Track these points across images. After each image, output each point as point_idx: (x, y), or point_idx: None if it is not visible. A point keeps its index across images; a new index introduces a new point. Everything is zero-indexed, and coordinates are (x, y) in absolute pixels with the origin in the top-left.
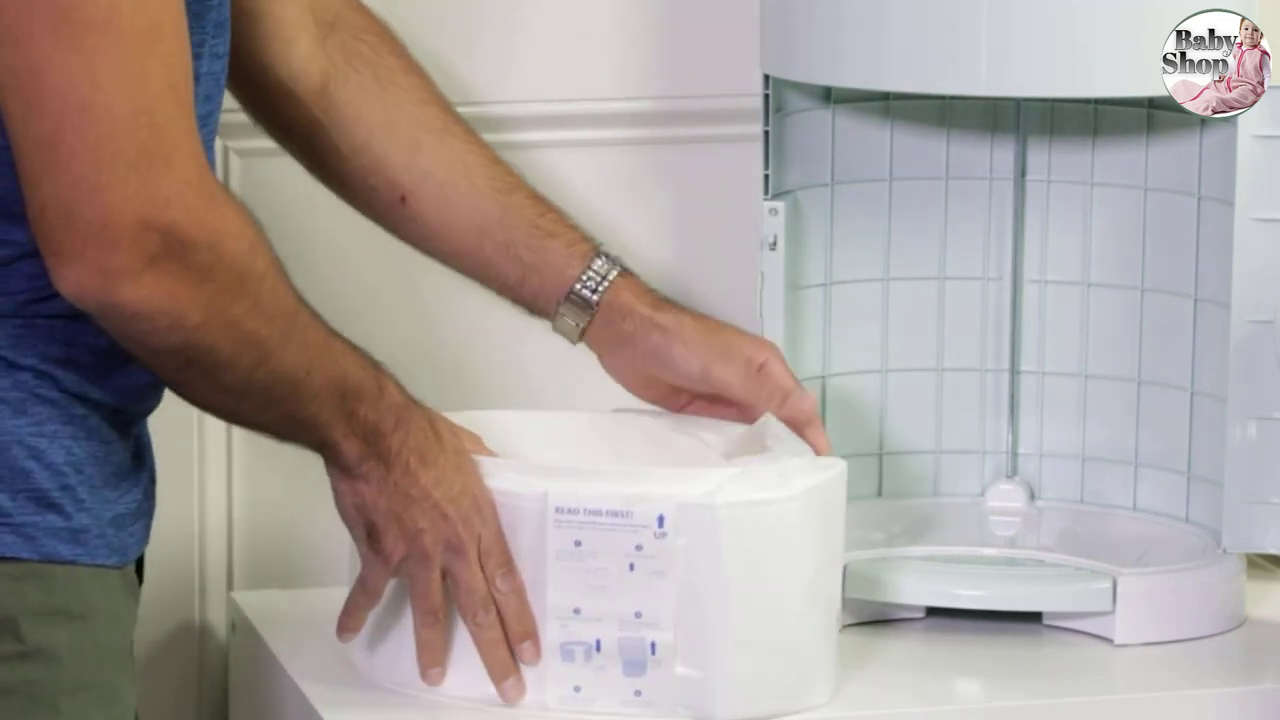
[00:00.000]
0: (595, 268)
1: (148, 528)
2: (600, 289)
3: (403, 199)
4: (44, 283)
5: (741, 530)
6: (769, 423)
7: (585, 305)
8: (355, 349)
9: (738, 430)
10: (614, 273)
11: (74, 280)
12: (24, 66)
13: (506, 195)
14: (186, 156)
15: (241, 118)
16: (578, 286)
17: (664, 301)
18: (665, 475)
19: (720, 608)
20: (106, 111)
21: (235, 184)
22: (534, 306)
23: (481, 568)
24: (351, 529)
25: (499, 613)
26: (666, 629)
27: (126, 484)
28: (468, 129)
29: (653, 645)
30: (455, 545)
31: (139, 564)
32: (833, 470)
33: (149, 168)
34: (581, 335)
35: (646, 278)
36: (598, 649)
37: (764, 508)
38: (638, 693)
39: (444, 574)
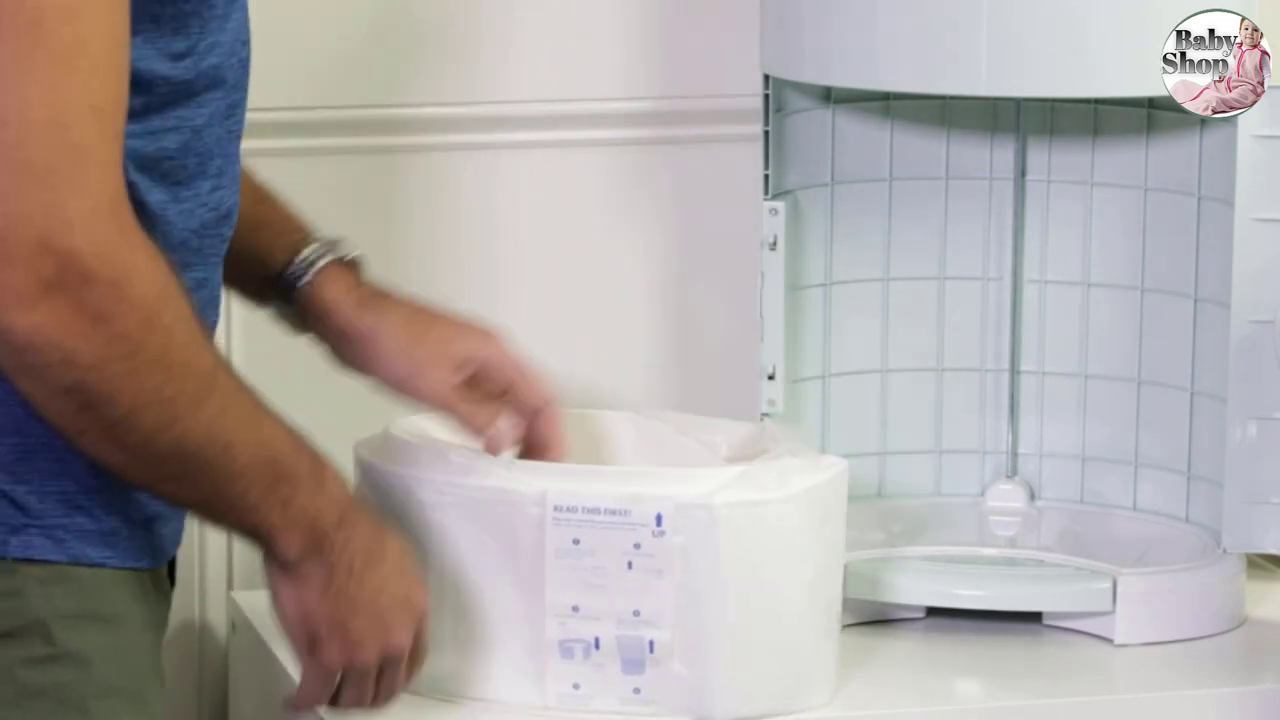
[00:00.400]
0: (301, 257)
1: (180, 529)
2: (302, 281)
3: None
4: None
5: (740, 530)
6: (768, 425)
7: (288, 298)
8: (293, 432)
9: (741, 431)
10: (321, 262)
11: None
12: None
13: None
14: (100, 183)
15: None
16: (283, 276)
17: (372, 296)
18: (664, 475)
19: (718, 607)
20: (18, 116)
21: None
22: (248, 297)
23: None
24: (290, 636)
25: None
26: (665, 628)
27: None
28: None
29: (651, 644)
30: (394, 656)
31: (170, 565)
32: (832, 470)
33: (56, 185)
34: (303, 328)
35: (646, 277)
36: (596, 647)
37: (762, 508)
38: (636, 690)
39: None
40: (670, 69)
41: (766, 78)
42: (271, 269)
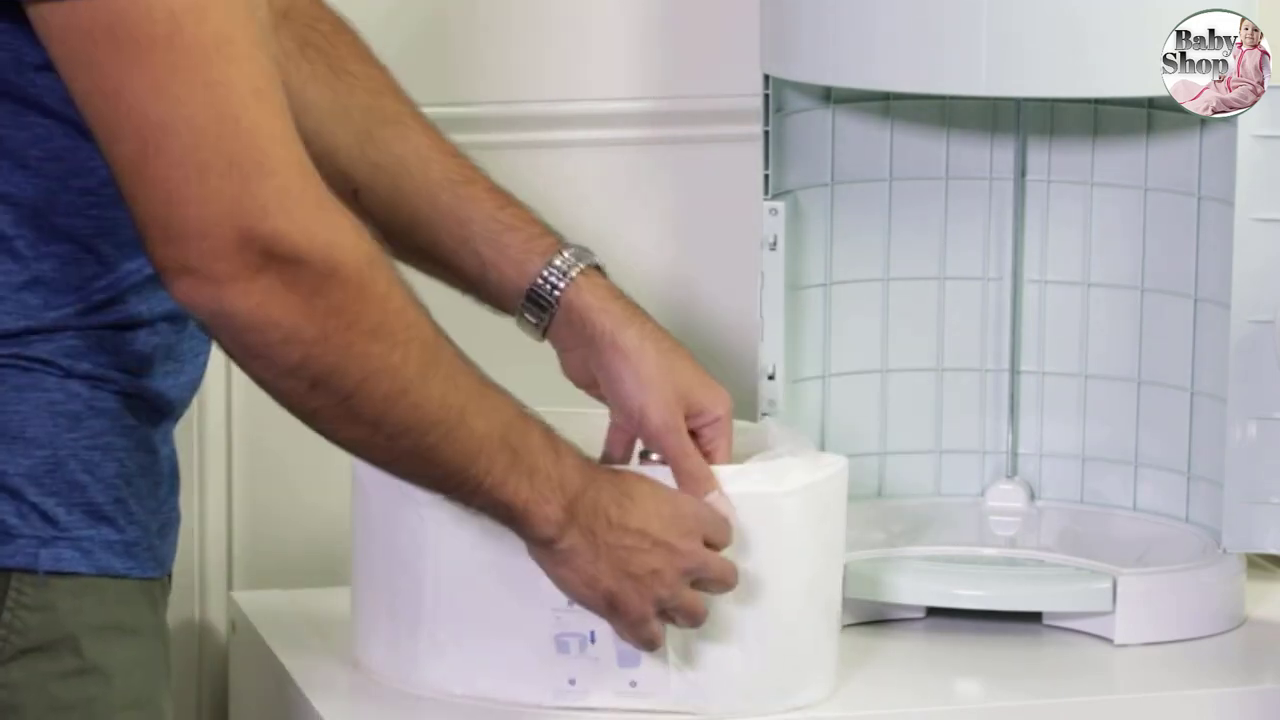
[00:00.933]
0: (556, 264)
1: (178, 535)
2: (560, 287)
3: (355, 192)
4: (94, 291)
5: (737, 526)
6: (769, 423)
7: (544, 304)
8: (516, 401)
9: (744, 431)
10: (576, 270)
11: (185, 291)
12: (98, 91)
13: (464, 188)
14: (284, 162)
15: None
16: (538, 283)
17: (630, 313)
18: (663, 471)
19: (714, 603)
20: (188, 125)
21: None
22: (496, 303)
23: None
24: (590, 608)
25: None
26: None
27: (164, 492)
28: (425, 121)
29: None
30: (696, 568)
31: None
32: (831, 469)
33: (242, 176)
34: (544, 334)
35: (646, 277)
36: (592, 640)
37: (759, 503)
38: (633, 684)
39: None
40: (670, 69)
41: (766, 78)
42: (528, 274)
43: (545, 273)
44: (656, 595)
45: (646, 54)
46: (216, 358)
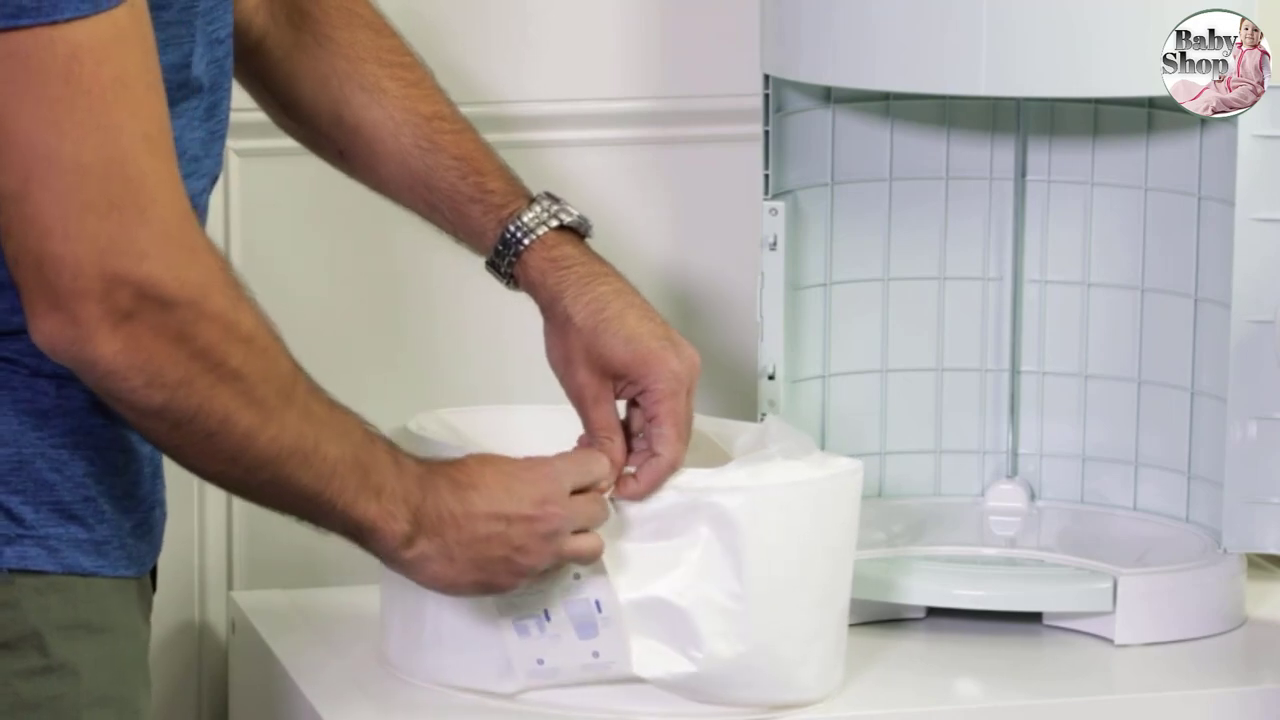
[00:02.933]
0: (505, 237)
1: (161, 535)
2: (512, 261)
3: (340, 153)
4: None
5: (731, 523)
6: (772, 422)
7: (503, 278)
8: (361, 419)
9: (747, 430)
10: (527, 240)
11: (46, 333)
12: None
13: (431, 155)
14: (165, 207)
15: (245, 117)
16: (494, 259)
17: (564, 282)
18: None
19: (714, 596)
20: (74, 163)
21: (235, 183)
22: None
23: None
24: (465, 595)
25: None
26: (606, 586)
27: (143, 492)
28: (409, 86)
29: (597, 603)
30: (557, 528)
31: (152, 572)
32: (833, 469)
33: (121, 219)
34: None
35: (647, 277)
36: (548, 619)
37: (748, 498)
38: (595, 654)
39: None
40: (670, 69)
41: (766, 78)
42: (485, 244)
43: (498, 247)
44: (526, 567)
45: (646, 54)
46: None
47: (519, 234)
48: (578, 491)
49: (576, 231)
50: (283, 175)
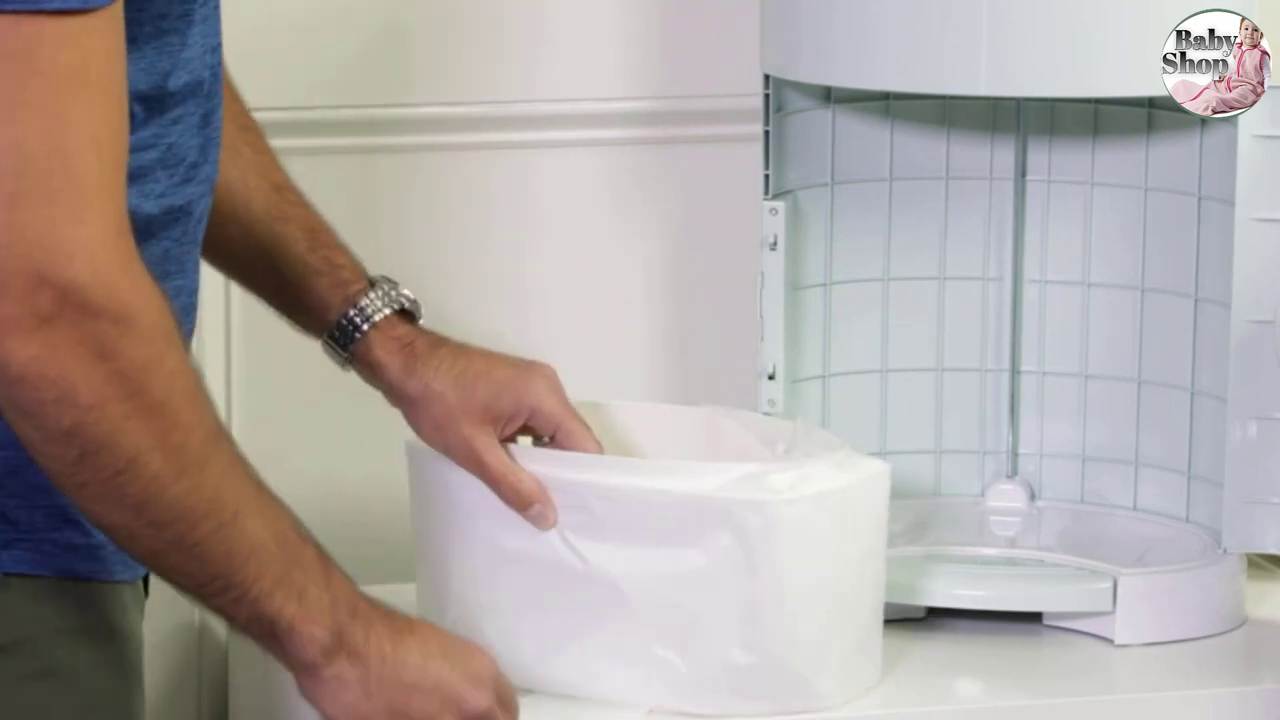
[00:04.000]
0: (349, 316)
1: None
2: (354, 339)
3: None
4: None
5: (754, 531)
6: (799, 424)
7: (339, 359)
8: (295, 517)
9: (787, 429)
10: (367, 325)
11: None
12: None
13: (280, 225)
14: (102, 214)
15: None
16: (336, 334)
17: (411, 359)
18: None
19: (716, 602)
20: (15, 147)
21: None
22: (302, 330)
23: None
24: None
25: None
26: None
27: None
28: (260, 150)
29: None
30: (479, 717)
31: (145, 575)
32: (858, 474)
33: (55, 216)
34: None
35: (647, 277)
36: None
37: (769, 506)
38: None
39: None
40: (670, 69)
41: (766, 78)
42: (327, 319)
43: (342, 321)
44: None
45: (646, 54)
46: (214, 364)
47: (368, 313)
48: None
49: (410, 314)
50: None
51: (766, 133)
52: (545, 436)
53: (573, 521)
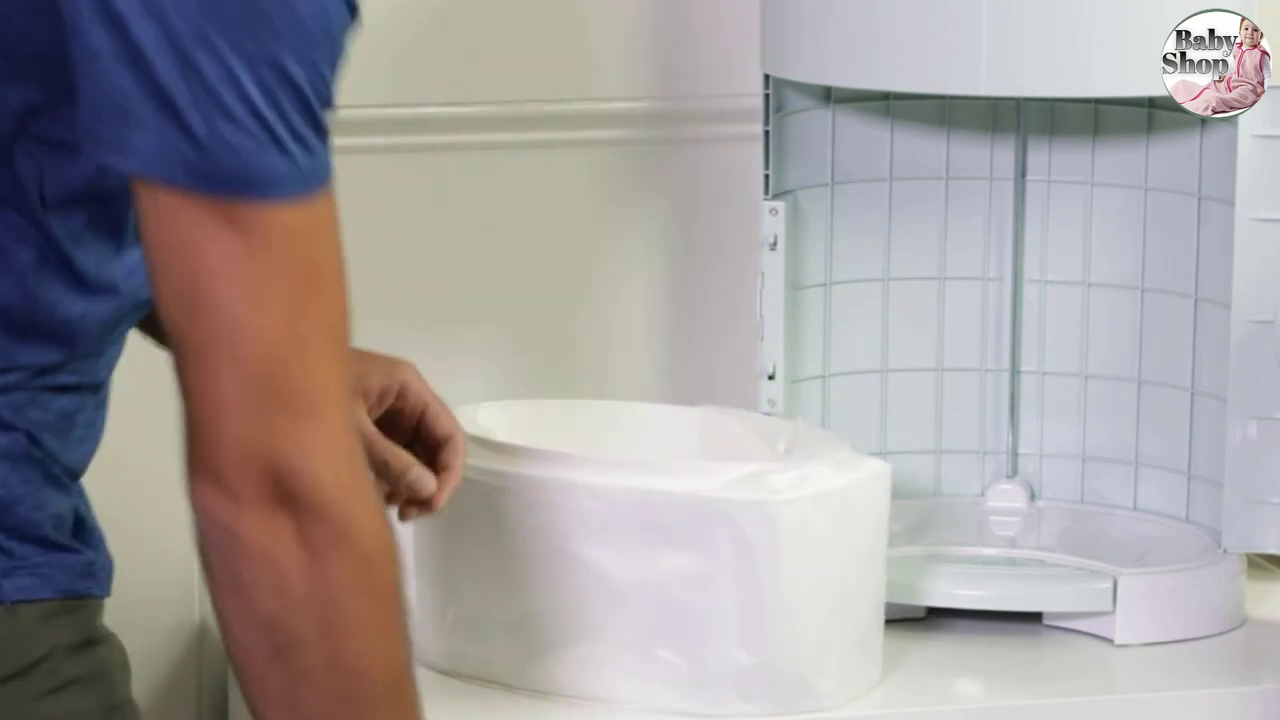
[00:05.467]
0: None
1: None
2: None
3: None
4: (49, 361)
5: (753, 532)
6: (800, 425)
7: None
8: None
9: (788, 429)
10: None
11: (203, 496)
12: (192, 272)
13: None
14: (338, 412)
15: None
16: None
17: None
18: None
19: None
20: (262, 336)
21: None
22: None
23: None
24: None
25: None
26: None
27: (93, 520)
28: None
29: None
30: None
31: None
32: (860, 473)
33: (296, 412)
34: None
35: (647, 277)
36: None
37: (769, 508)
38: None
39: None
40: (670, 69)
41: (766, 78)
42: None
43: None
44: None
45: (646, 54)
46: None
47: None
48: None
49: None
50: None
51: (766, 133)
52: (407, 422)
53: (573, 522)
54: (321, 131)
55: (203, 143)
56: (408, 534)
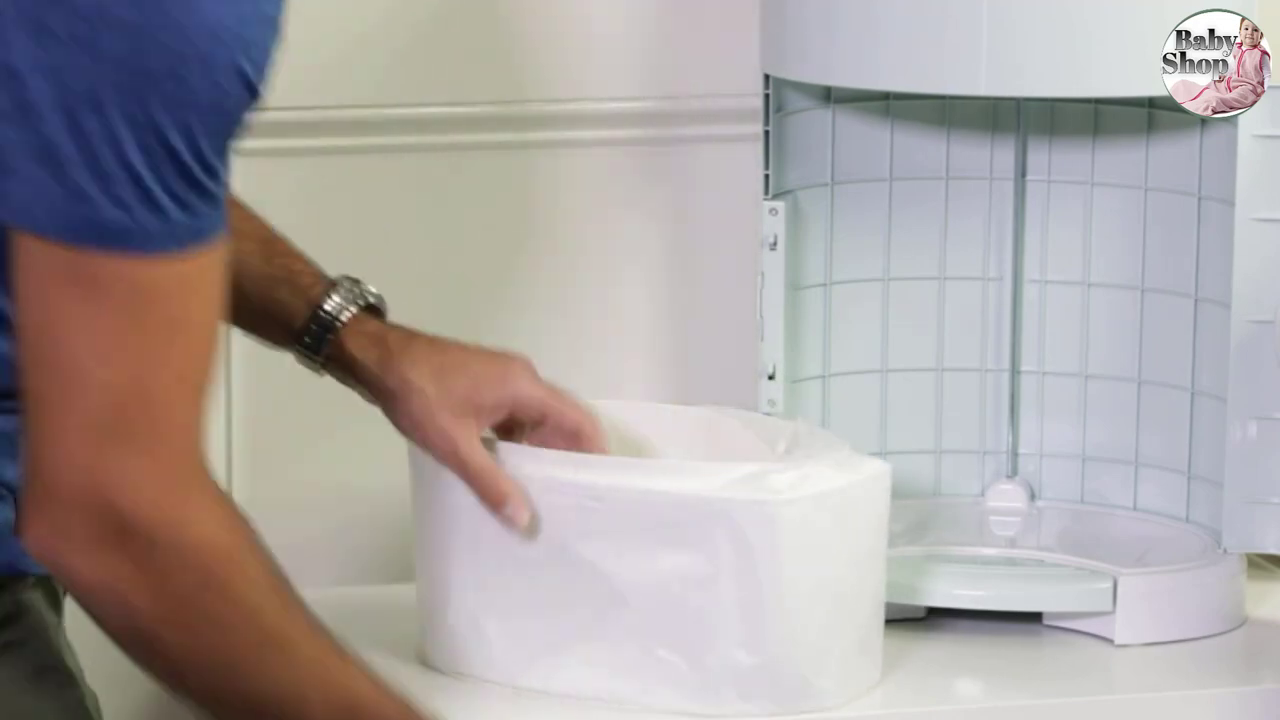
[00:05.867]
0: (318, 319)
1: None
2: (324, 345)
3: None
4: None
5: (754, 532)
6: (800, 425)
7: (313, 364)
8: (374, 677)
9: (788, 429)
10: (345, 315)
11: (32, 536)
12: (46, 320)
13: (234, 240)
14: (171, 447)
15: None
16: (307, 340)
17: (386, 354)
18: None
19: (712, 599)
20: (103, 385)
21: (236, 184)
22: (270, 345)
23: None
24: None
25: None
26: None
27: None
28: None
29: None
30: None
31: None
32: (861, 473)
33: (127, 449)
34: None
35: (647, 277)
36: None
37: (768, 507)
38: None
39: None
40: (670, 69)
41: (766, 78)
42: (295, 327)
43: (311, 327)
44: None
45: (646, 54)
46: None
47: (335, 312)
48: None
49: (377, 310)
50: (283, 176)
51: (766, 133)
52: (530, 425)
53: (573, 522)
54: (206, 195)
55: (76, 197)
56: (409, 535)
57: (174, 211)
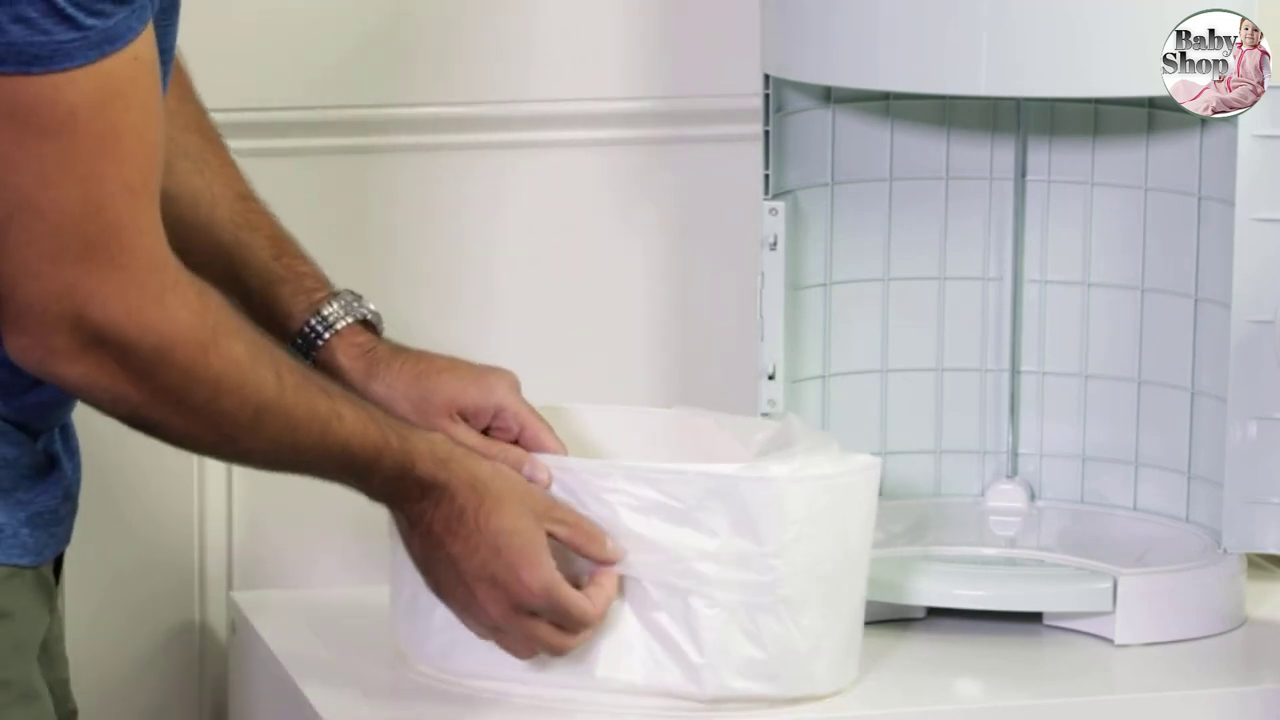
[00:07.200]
0: (312, 323)
1: (69, 529)
2: (317, 345)
3: None
4: None
5: (751, 514)
6: (792, 421)
7: (305, 356)
8: (365, 411)
9: (765, 428)
10: (339, 324)
11: (17, 349)
12: None
13: (244, 233)
14: (134, 254)
15: (242, 117)
16: (297, 342)
17: (381, 361)
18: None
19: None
20: (54, 208)
21: None
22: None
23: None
24: (429, 573)
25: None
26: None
27: (40, 486)
28: (224, 160)
29: None
30: (527, 608)
31: (57, 563)
32: (849, 465)
33: (93, 265)
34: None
35: (647, 277)
36: None
37: (765, 491)
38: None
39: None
40: (670, 69)
41: (766, 78)
42: (290, 327)
43: (305, 328)
44: (487, 610)
45: (646, 54)
46: None
47: (332, 320)
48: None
49: (373, 326)
50: (283, 176)
51: (766, 133)
52: (505, 440)
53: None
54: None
55: None
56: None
57: (83, 19)
